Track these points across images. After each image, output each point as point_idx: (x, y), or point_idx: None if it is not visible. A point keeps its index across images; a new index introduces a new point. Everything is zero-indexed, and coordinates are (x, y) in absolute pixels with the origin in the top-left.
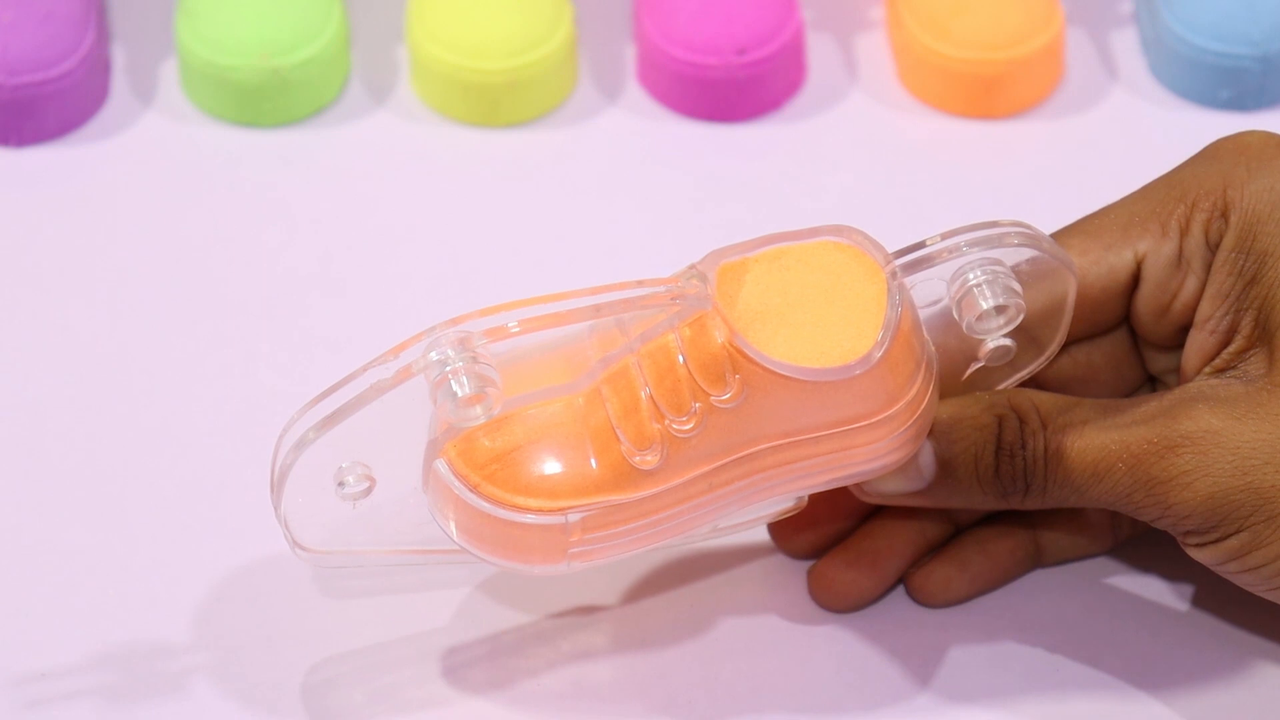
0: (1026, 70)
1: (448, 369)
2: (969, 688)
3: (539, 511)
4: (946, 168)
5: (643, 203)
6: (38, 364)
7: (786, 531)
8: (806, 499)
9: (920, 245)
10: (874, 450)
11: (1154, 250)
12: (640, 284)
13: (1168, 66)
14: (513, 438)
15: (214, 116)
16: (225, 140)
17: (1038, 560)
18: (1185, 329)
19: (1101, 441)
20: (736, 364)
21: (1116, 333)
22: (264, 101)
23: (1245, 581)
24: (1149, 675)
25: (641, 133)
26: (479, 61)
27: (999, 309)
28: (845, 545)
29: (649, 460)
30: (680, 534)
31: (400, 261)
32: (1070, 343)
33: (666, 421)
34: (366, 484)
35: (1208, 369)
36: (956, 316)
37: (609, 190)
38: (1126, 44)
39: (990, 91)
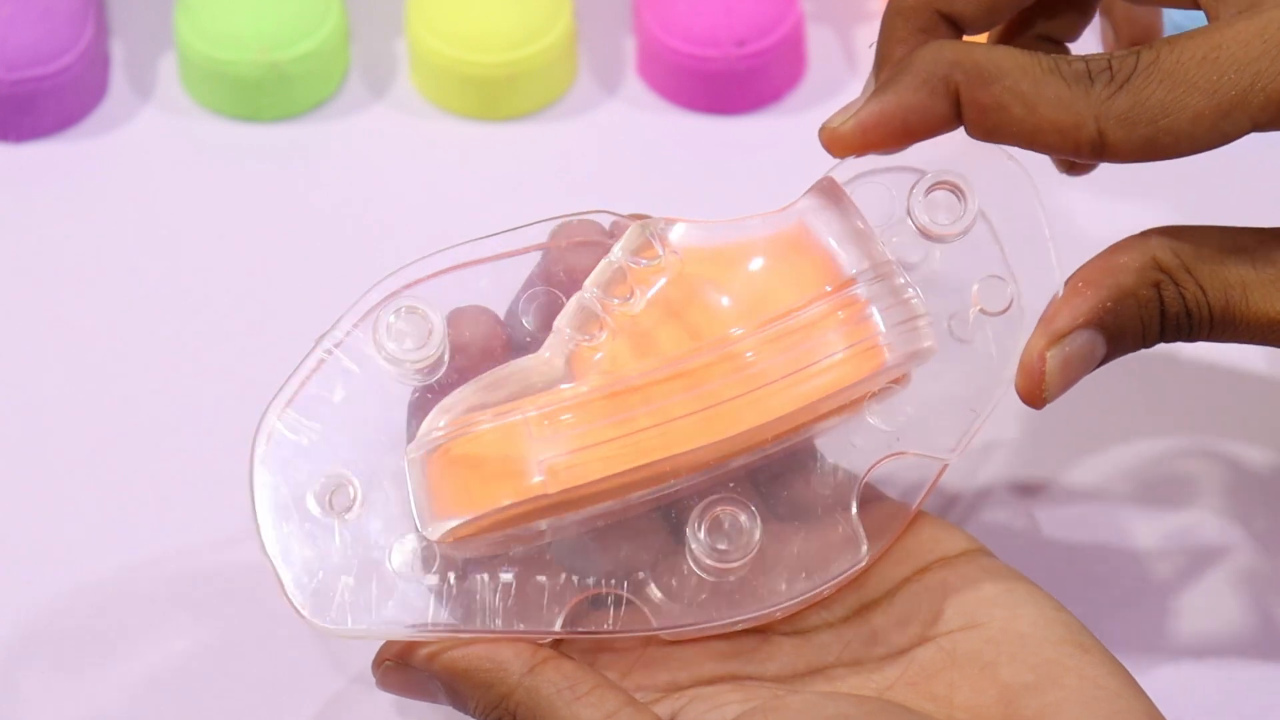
0: None
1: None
2: None
3: (497, 415)
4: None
5: (642, 195)
6: (37, 360)
7: None
8: (866, 556)
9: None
10: (829, 345)
11: None
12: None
13: None
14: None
15: (213, 111)
16: (224, 135)
17: None
18: None
19: (1268, 306)
20: (661, 237)
21: None
22: (263, 96)
23: None
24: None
25: (641, 125)
26: (478, 55)
27: (935, 186)
28: None
29: (598, 338)
30: (666, 449)
31: (400, 255)
32: None
33: (614, 303)
34: (349, 494)
35: None
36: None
37: (608, 183)
38: None
39: None
